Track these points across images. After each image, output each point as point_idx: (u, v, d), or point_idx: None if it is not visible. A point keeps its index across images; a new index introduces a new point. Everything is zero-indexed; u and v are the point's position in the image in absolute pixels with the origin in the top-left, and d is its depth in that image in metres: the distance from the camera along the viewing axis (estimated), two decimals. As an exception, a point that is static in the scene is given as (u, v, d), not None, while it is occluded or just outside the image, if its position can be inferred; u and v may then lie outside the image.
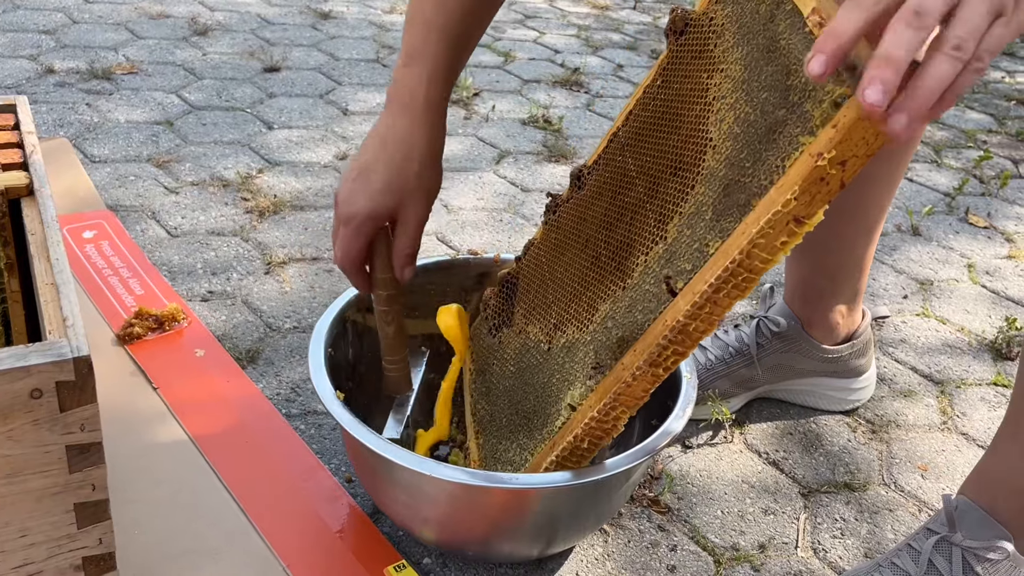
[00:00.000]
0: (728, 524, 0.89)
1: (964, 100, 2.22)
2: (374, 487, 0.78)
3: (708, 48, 0.71)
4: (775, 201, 0.55)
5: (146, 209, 1.35)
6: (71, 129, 1.58)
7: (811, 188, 0.54)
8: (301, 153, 1.59)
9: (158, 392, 0.95)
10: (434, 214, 1.43)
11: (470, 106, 1.89)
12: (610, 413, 0.66)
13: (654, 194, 0.71)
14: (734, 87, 0.66)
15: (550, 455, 0.70)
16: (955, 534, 0.75)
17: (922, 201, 1.66)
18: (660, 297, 0.65)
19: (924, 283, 1.38)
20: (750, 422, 1.03)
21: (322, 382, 0.76)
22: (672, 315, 0.62)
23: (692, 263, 0.63)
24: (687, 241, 0.65)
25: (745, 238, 0.57)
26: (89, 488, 0.58)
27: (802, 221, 0.55)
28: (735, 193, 0.61)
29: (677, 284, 0.63)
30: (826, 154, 0.52)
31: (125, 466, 0.84)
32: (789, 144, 0.57)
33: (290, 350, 1.07)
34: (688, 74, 0.73)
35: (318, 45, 2.16)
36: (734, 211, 0.61)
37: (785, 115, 0.59)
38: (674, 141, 0.72)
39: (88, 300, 1.09)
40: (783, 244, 0.56)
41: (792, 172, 0.55)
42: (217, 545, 0.78)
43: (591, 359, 0.70)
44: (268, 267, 1.23)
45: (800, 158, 0.55)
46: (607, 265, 0.74)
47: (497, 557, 0.81)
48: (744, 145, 0.63)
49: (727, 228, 0.60)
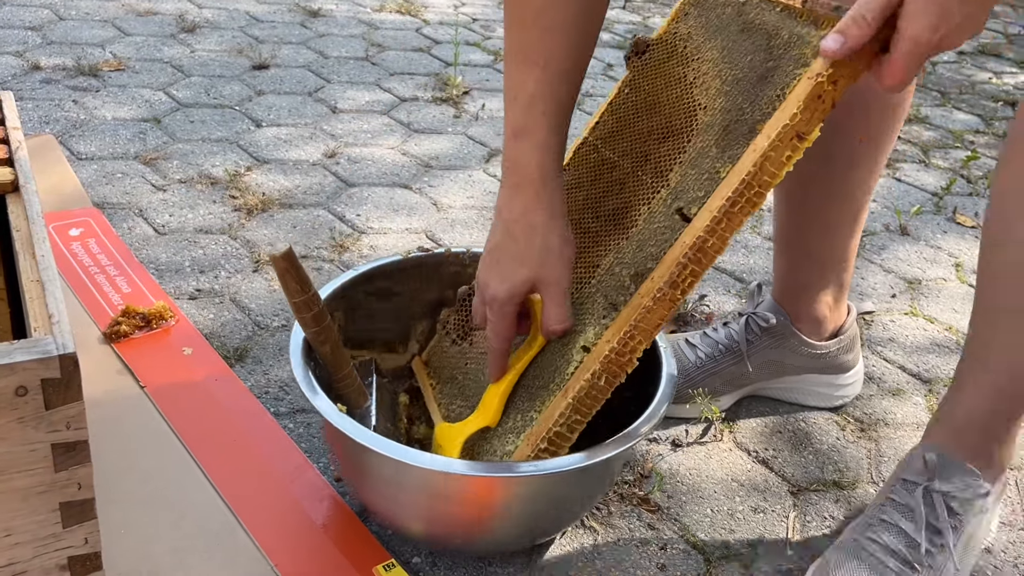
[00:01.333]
0: (718, 522, 0.89)
1: (952, 100, 2.24)
2: (361, 483, 0.78)
3: (677, 51, 0.80)
4: (780, 120, 0.64)
5: (133, 207, 1.34)
6: (57, 126, 1.57)
7: (811, 105, 0.63)
8: (290, 151, 1.58)
9: (145, 391, 0.94)
10: (423, 212, 1.42)
11: (460, 104, 1.88)
12: (628, 344, 0.69)
13: (644, 162, 0.78)
14: (714, 63, 0.75)
15: (564, 401, 0.71)
16: (934, 482, 0.79)
17: (910, 201, 1.67)
18: (674, 227, 0.70)
19: (912, 282, 1.38)
20: (740, 421, 1.03)
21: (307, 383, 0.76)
22: (691, 235, 0.67)
23: (705, 190, 0.69)
24: (694, 177, 0.71)
25: (757, 154, 0.65)
26: (75, 487, 0.58)
27: (803, 137, 0.64)
28: (738, 128, 0.69)
29: (691, 211, 0.69)
30: (824, 72, 0.63)
31: (111, 465, 0.84)
32: (785, 77, 0.67)
33: (278, 348, 1.07)
34: (659, 75, 0.80)
35: (307, 43, 2.15)
36: (740, 140, 0.68)
37: (774, 64, 0.69)
38: (657, 121, 0.78)
39: (74, 298, 1.08)
40: (788, 159, 0.65)
41: (793, 94, 0.65)
42: (205, 544, 0.78)
43: (601, 303, 0.74)
44: (256, 265, 1.23)
45: (799, 82, 0.65)
46: (600, 232, 0.79)
47: (484, 548, 0.81)
48: (737, 94, 0.71)
49: (736, 154, 0.67)
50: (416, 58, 2.14)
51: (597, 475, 0.78)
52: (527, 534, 0.79)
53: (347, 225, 1.36)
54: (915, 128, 2.02)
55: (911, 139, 1.96)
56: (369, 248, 1.30)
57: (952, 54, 2.61)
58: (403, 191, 1.49)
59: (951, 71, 2.46)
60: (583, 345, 0.73)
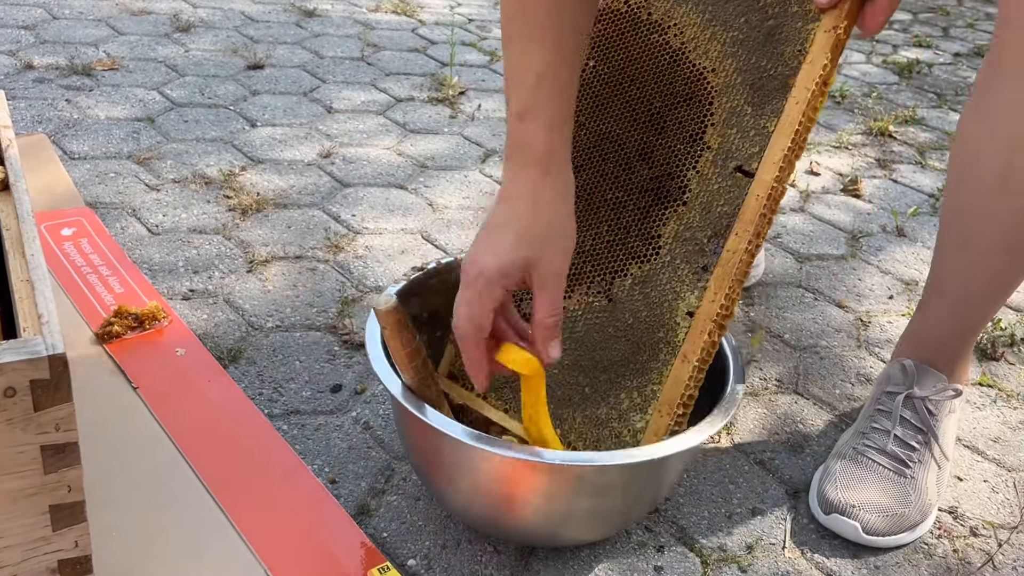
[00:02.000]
0: (715, 525, 0.88)
1: (948, 102, 2.23)
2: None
3: (641, 19, 0.83)
4: (813, 72, 0.72)
5: (126, 206, 1.33)
6: (50, 125, 1.55)
7: (835, 55, 0.72)
8: (284, 151, 1.57)
9: (137, 392, 0.94)
10: (419, 213, 1.42)
11: (456, 105, 1.88)
12: (729, 296, 0.74)
13: (660, 130, 0.81)
14: (702, 27, 0.79)
15: (688, 365, 0.74)
16: (913, 389, 0.93)
17: (907, 202, 1.66)
18: (739, 184, 0.75)
19: (909, 283, 1.38)
20: (737, 422, 1.03)
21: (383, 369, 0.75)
22: (762, 188, 0.73)
23: (758, 145, 0.75)
24: (738, 137, 0.76)
25: (802, 104, 0.72)
26: (65, 489, 0.57)
27: (827, 83, 0.73)
28: (766, 85, 0.75)
29: (752, 166, 0.75)
30: (840, 25, 0.71)
31: (103, 467, 0.83)
32: (798, 35, 0.74)
33: (272, 349, 1.06)
34: (629, 45, 0.83)
35: (302, 43, 2.14)
36: (774, 95, 0.75)
37: (775, 23, 0.75)
38: (650, 89, 0.81)
39: (66, 298, 1.07)
40: (821, 103, 0.73)
41: (816, 48, 0.72)
42: (197, 547, 0.77)
43: (686, 269, 0.77)
44: (251, 265, 1.22)
45: (816, 36, 0.73)
46: (635, 204, 0.81)
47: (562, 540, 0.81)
48: (749, 54, 0.77)
49: (777, 108, 0.74)
50: (412, 58, 2.13)
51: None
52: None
53: (342, 225, 1.35)
54: (911, 130, 2.02)
55: (907, 140, 1.96)
56: (364, 249, 1.29)
57: (948, 56, 2.62)
58: (399, 191, 1.48)
59: (947, 73, 2.46)
60: (686, 311, 0.76)
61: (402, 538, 0.82)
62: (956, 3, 3.29)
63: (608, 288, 0.81)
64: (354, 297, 1.18)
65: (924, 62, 2.52)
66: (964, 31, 2.92)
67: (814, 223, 1.54)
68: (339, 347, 1.08)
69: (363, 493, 0.87)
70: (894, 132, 1.98)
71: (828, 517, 0.87)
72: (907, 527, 0.87)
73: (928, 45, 2.70)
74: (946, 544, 0.89)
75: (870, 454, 0.91)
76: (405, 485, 0.88)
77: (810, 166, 1.76)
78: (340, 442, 0.93)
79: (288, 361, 1.04)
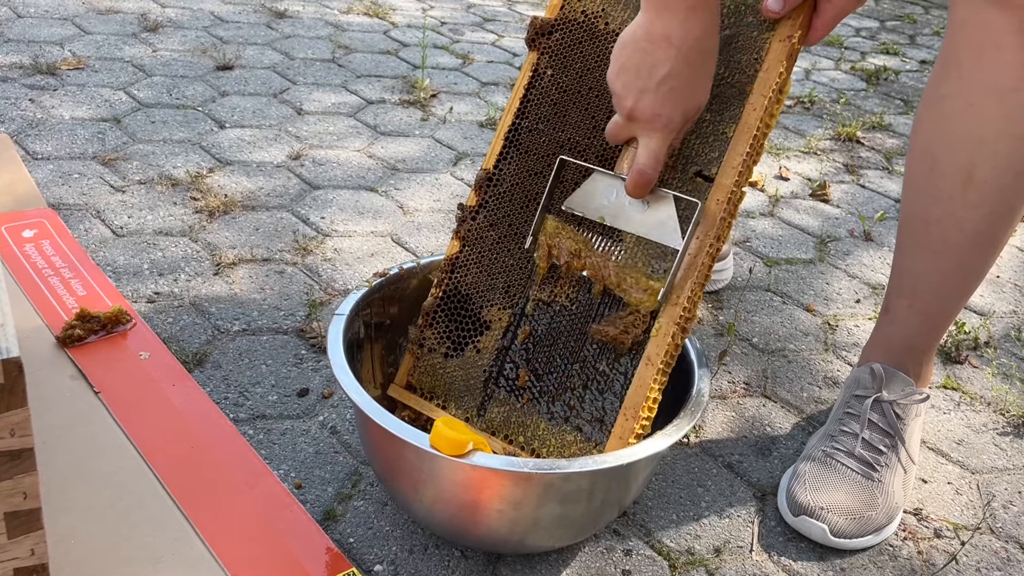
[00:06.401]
0: (683, 528, 0.88)
1: (914, 109, 2.26)
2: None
3: (598, 29, 0.83)
4: (769, 79, 0.74)
5: (90, 208, 1.31)
6: (12, 125, 1.53)
7: (790, 63, 0.75)
8: (253, 152, 1.56)
9: (100, 397, 0.92)
10: (389, 216, 1.41)
11: (427, 108, 1.87)
12: (692, 299, 0.75)
13: None
14: None
15: (651, 370, 0.74)
16: (881, 392, 0.94)
17: (874, 207, 1.68)
18: (698, 188, 0.76)
19: (876, 287, 1.39)
20: (705, 425, 1.03)
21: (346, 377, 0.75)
22: (722, 191, 0.74)
23: (717, 150, 0.76)
24: (697, 142, 0.77)
25: (759, 111, 0.74)
26: (20, 496, 0.56)
27: (783, 90, 0.75)
28: (724, 92, 0.77)
29: (711, 171, 0.76)
30: (794, 34, 0.74)
31: (64, 473, 0.81)
32: (754, 43, 0.76)
33: (239, 353, 1.04)
34: (587, 54, 0.83)
35: (273, 44, 2.12)
36: (732, 102, 0.76)
37: (731, 33, 0.77)
38: (609, 99, 0.80)
39: (26, 301, 1.05)
40: (778, 110, 0.75)
41: (771, 56, 0.75)
42: (160, 554, 0.76)
43: (644, 270, 0.77)
44: (217, 268, 1.20)
45: (771, 45, 0.75)
46: None
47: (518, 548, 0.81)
48: None
49: (735, 115, 0.76)
50: (383, 60, 2.13)
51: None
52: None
53: (311, 228, 1.34)
54: (879, 135, 2.05)
55: (875, 146, 1.98)
56: (333, 251, 1.28)
57: (915, 63, 2.65)
58: (369, 194, 1.47)
59: (913, 80, 2.50)
60: (652, 311, 0.77)
61: (369, 543, 0.81)
62: (923, 11, 3.34)
63: (571, 291, 0.81)
64: (322, 300, 1.16)
65: (891, 69, 2.55)
66: (931, 39, 2.96)
67: (783, 227, 1.55)
68: (306, 351, 1.06)
69: (329, 498, 0.86)
70: (862, 138, 2.01)
71: (797, 519, 0.87)
72: (873, 529, 0.88)
73: (896, 52, 2.74)
74: (911, 546, 0.90)
75: (839, 457, 0.92)
76: (372, 490, 0.87)
77: (779, 171, 1.78)
78: (307, 447, 0.92)
79: (255, 365, 1.03)
